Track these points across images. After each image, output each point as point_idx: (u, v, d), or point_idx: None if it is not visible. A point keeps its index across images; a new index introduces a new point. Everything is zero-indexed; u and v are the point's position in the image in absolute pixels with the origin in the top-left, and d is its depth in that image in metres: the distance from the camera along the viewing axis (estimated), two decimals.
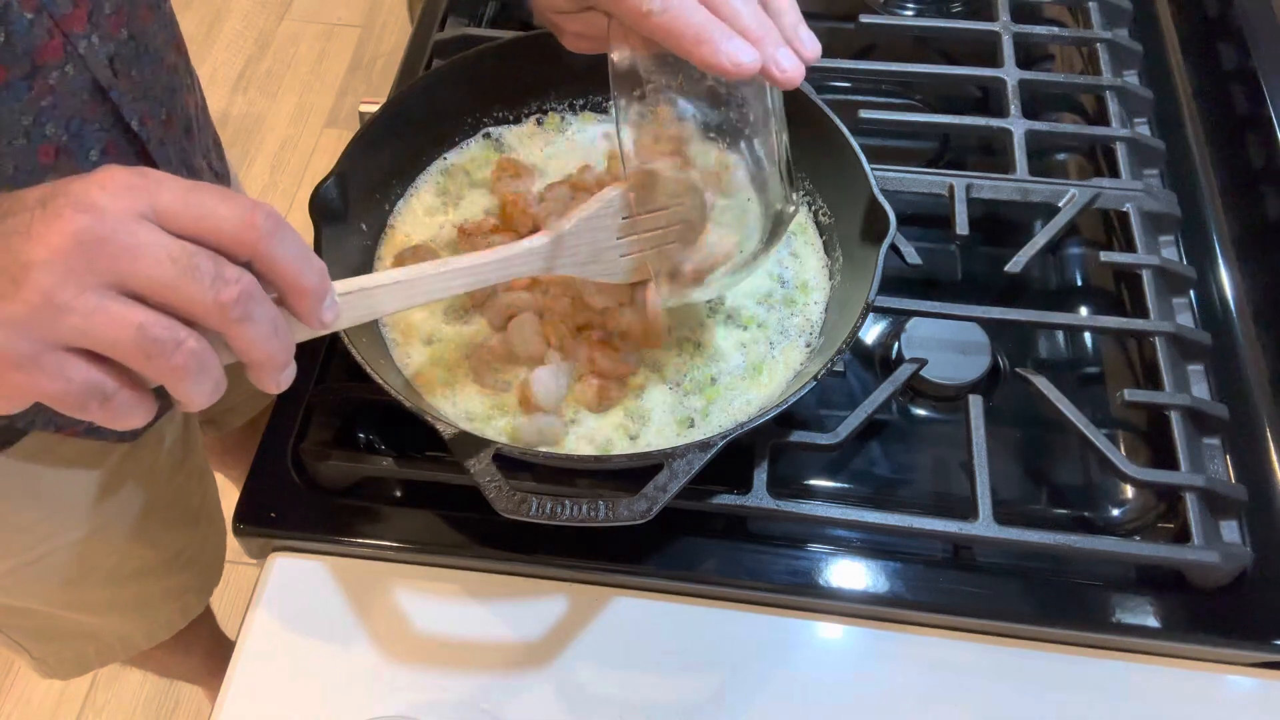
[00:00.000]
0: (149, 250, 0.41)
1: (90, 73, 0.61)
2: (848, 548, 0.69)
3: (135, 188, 0.41)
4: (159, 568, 0.96)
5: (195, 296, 0.41)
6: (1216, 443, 0.72)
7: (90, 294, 0.40)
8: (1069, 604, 0.66)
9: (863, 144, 0.74)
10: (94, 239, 0.40)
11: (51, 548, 0.83)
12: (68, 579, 0.87)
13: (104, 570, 0.90)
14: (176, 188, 0.42)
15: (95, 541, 0.86)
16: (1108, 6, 0.97)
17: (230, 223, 0.42)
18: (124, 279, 0.41)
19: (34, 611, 0.92)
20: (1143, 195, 0.81)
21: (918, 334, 0.75)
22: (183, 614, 1.04)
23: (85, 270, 0.40)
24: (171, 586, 1.00)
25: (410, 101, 0.78)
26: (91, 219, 0.40)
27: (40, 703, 1.64)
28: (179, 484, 0.94)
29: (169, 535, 0.95)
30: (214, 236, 0.42)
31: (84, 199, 0.40)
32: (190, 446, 0.95)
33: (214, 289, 0.41)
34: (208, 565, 1.04)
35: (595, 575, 0.68)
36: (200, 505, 0.99)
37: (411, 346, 0.72)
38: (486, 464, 0.58)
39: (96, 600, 0.94)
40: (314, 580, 0.69)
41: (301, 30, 2.60)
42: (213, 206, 0.42)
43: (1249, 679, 0.65)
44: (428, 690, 0.64)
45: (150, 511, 0.89)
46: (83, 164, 0.64)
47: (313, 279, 0.46)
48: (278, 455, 0.71)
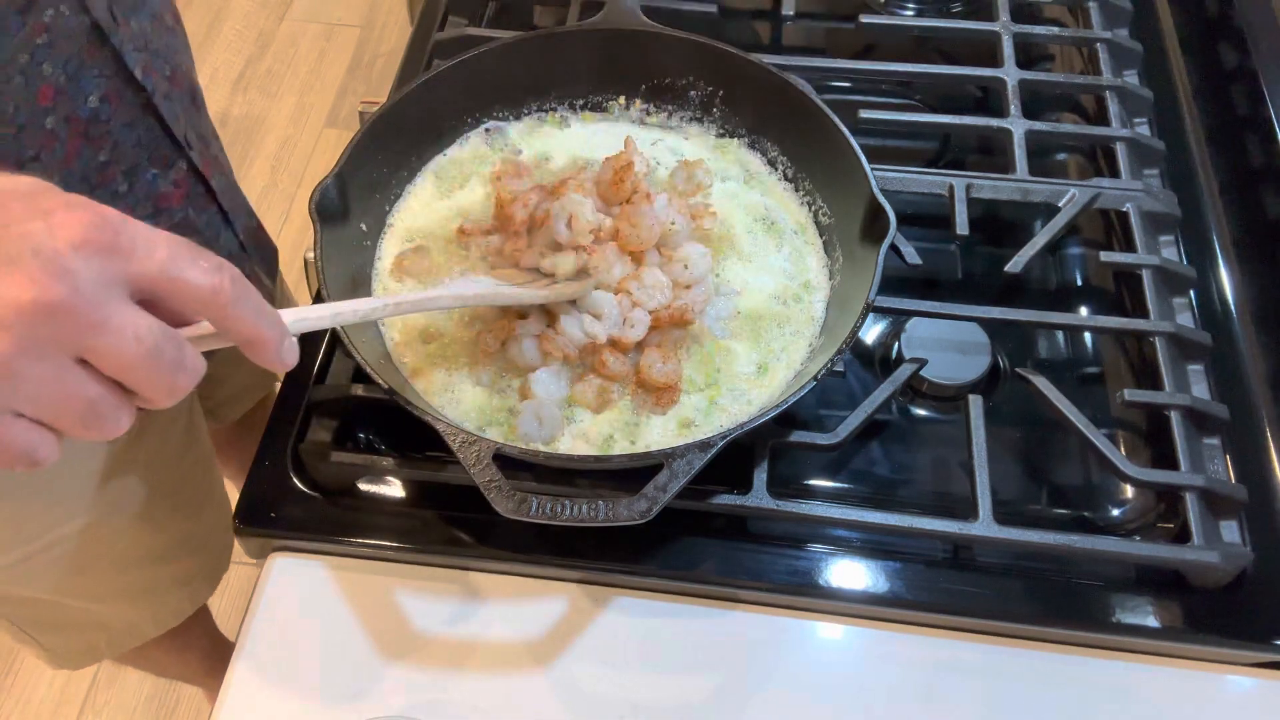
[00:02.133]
0: (117, 330, 0.40)
1: (89, 15, 0.61)
2: (848, 548, 0.68)
3: (109, 251, 0.40)
4: (166, 554, 0.96)
5: (153, 381, 0.42)
6: (1216, 443, 0.72)
7: (47, 364, 0.39)
8: (1069, 604, 0.66)
9: (863, 144, 0.74)
10: (64, 311, 0.39)
11: (59, 535, 0.84)
12: (76, 566, 0.88)
13: (111, 557, 0.90)
14: (151, 254, 0.41)
15: (102, 527, 0.86)
16: (1108, 6, 0.97)
17: (201, 293, 0.42)
18: (85, 352, 0.40)
19: (43, 601, 0.92)
20: (1143, 195, 0.81)
21: (918, 334, 0.75)
22: (191, 600, 1.05)
23: (48, 340, 0.39)
24: (179, 573, 1.01)
25: (410, 102, 0.78)
26: (65, 290, 0.39)
27: (40, 703, 1.64)
28: (184, 470, 0.94)
29: (175, 521, 0.95)
30: (181, 304, 0.43)
31: (55, 262, 0.39)
32: (195, 433, 0.96)
33: (171, 376, 0.42)
34: (215, 552, 1.04)
35: (595, 575, 0.68)
36: (207, 492, 1.00)
37: (411, 346, 0.72)
38: (487, 464, 0.58)
39: (105, 588, 0.94)
40: (314, 580, 0.69)
41: (301, 30, 2.60)
42: (184, 276, 0.42)
43: (1249, 679, 0.65)
44: (428, 690, 0.64)
45: (156, 497, 0.90)
46: (80, 108, 0.64)
47: (271, 333, 0.46)
48: (278, 455, 0.71)
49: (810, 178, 0.80)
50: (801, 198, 0.81)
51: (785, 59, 0.90)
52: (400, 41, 1.21)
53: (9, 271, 0.38)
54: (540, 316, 0.70)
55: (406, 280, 0.75)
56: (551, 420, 0.67)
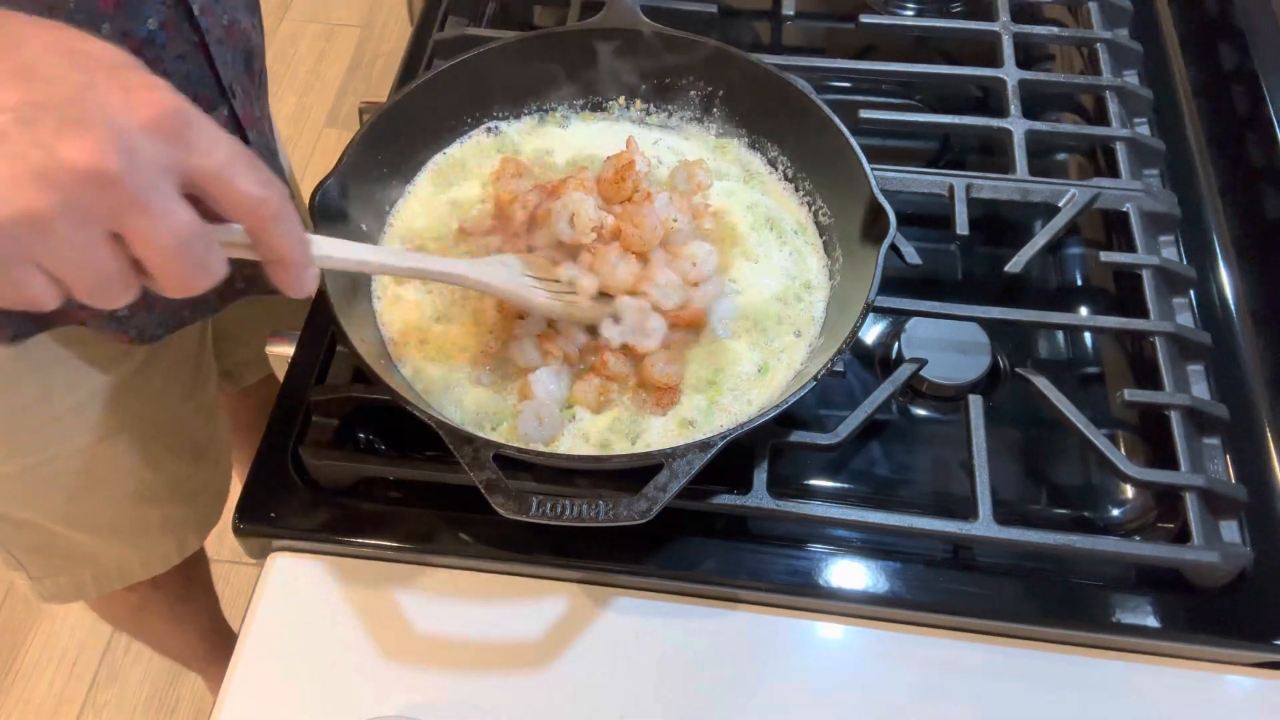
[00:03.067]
0: (160, 214, 0.41)
1: None
2: (848, 548, 0.68)
3: (175, 139, 0.41)
4: (160, 494, 0.97)
5: (174, 273, 0.43)
6: (1216, 443, 0.72)
7: (82, 232, 0.40)
8: (1069, 604, 0.66)
9: (863, 144, 0.74)
10: (115, 185, 0.40)
11: (59, 451, 0.85)
12: (69, 492, 0.89)
13: (107, 486, 0.91)
14: (212, 152, 0.43)
15: (101, 451, 0.87)
16: (1108, 6, 0.97)
17: (247, 202, 0.44)
18: (121, 228, 0.41)
19: (35, 525, 0.93)
20: (1143, 195, 0.81)
21: (918, 334, 0.75)
22: (179, 549, 1.06)
23: (90, 209, 0.40)
24: (170, 517, 1.02)
25: (410, 102, 0.78)
26: (122, 165, 0.39)
27: (40, 702, 1.64)
28: (187, 414, 0.95)
29: (172, 462, 0.96)
30: (226, 207, 0.44)
31: (122, 138, 0.40)
32: (202, 380, 0.97)
33: (193, 273, 0.43)
34: (207, 504, 1.05)
35: (595, 575, 0.68)
36: (207, 442, 1.01)
37: (410, 346, 0.72)
38: (486, 464, 0.58)
39: (97, 519, 0.95)
40: (314, 580, 0.69)
41: (301, 30, 2.60)
42: (237, 181, 0.43)
43: (1249, 679, 0.65)
44: (428, 690, 0.64)
45: (155, 433, 0.91)
46: (139, 28, 0.64)
47: (300, 256, 0.48)
48: (278, 455, 0.71)
49: (810, 178, 0.80)
50: (801, 198, 0.81)
51: (785, 59, 0.90)
52: (400, 41, 1.21)
53: (77, 134, 0.39)
54: (541, 316, 0.70)
55: (405, 281, 0.75)
56: (552, 420, 0.67)
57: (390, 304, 0.74)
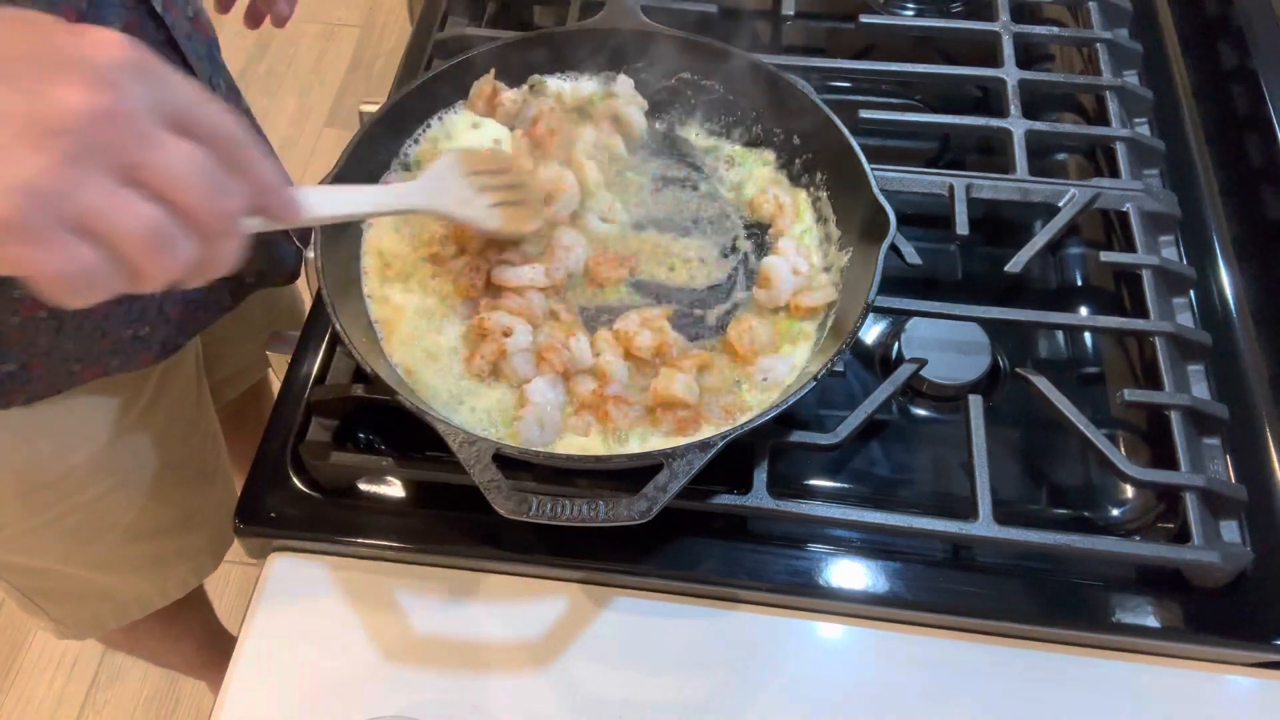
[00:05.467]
0: (173, 146, 0.40)
1: None
2: (848, 548, 0.68)
3: (146, 72, 0.40)
4: (173, 526, 0.97)
5: (206, 203, 0.41)
6: (1216, 443, 0.72)
7: (101, 178, 0.38)
8: (1069, 604, 0.66)
9: (863, 144, 0.74)
10: (120, 118, 0.38)
11: (76, 503, 0.85)
12: (84, 537, 0.89)
13: (120, 528, 0.91)
14: (189, 89, 0.42)
15: (113, 498, 0.87)
16: (1108, 6, 0.97)
17: (224, 129, 0.43)
18: (137, 169, 0.39)
19: (51, 571, 0.93)
20: (1143, 195, 0.81)
21: (918, 334, 0.75)
22: (196, 574, 1.06)
23: (102, 149, 0.38)
24: (185, 546, 1.02)
25: (410, 102, 0.78)
26: (116, 98, 0.38)
27: (40, 702, 1.64)
28: (193, 444, 0.96)
29: (183, 494, 0.97)
30: (205, 138, 0.42)
31: (102, 73, 0.38)
32: (204, 409, 0.97)
33: (222, 198, 0.42)
34: (219, 527, 1.05)
35: (595, 575, 0.68)
36: (214, 467, 1.01)
37: (410, 346, 0.72)
38: (486, 464, 0.58)
39: (112, 558, 0.95)
40: (314, 580, 0.69)
41: (301, 30, 2.60)
42: (213, 114, 0.42)
43: (1249, 679, 0.65)
44: (428, 690, 0.64)
45: (165, 469, 0.91)
46: None
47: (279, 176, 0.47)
48: (278, 455, 0.71)
49: (810, 177, 0.80)
50: (801, 198, 0.80)
51: (785, 59, 0.90)
52: (400, 41, 1.21)
53: (61, 79, 0.38)
54: (526, 330, 0.70)
55: (395, 282, 0.74)
56: (553, 425, 0.67)
57: (379, 303, 0.73)
